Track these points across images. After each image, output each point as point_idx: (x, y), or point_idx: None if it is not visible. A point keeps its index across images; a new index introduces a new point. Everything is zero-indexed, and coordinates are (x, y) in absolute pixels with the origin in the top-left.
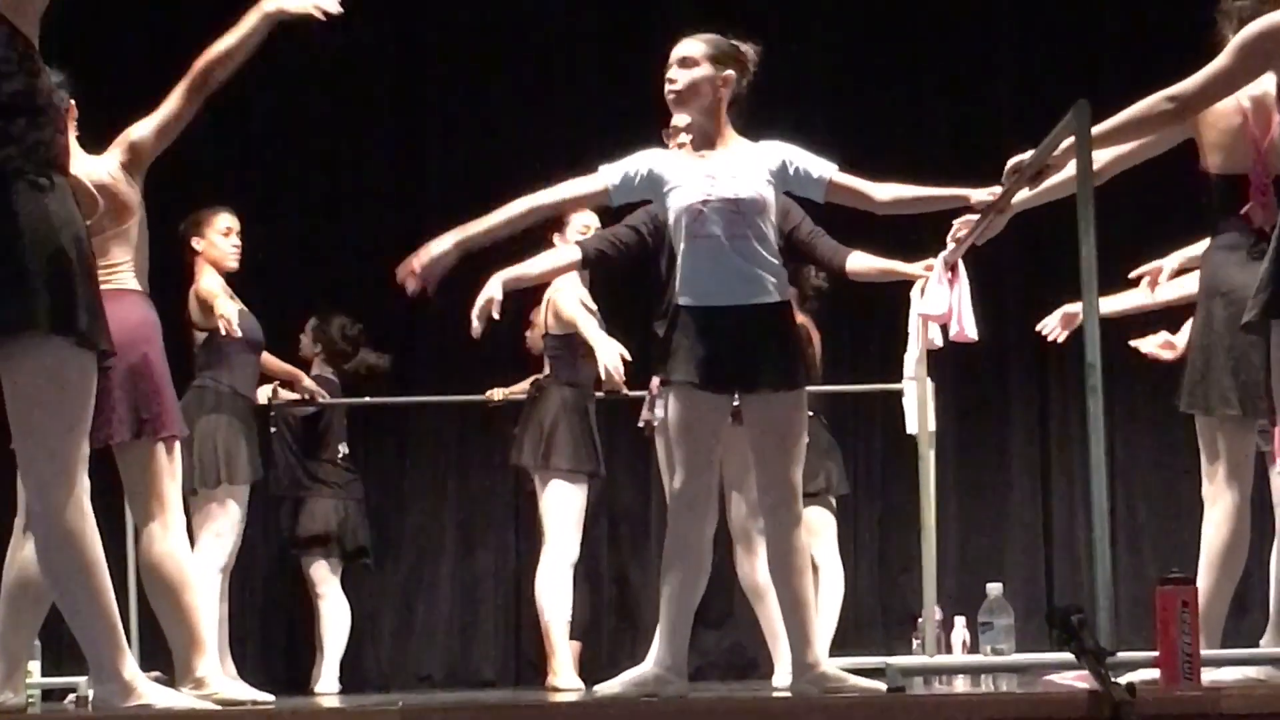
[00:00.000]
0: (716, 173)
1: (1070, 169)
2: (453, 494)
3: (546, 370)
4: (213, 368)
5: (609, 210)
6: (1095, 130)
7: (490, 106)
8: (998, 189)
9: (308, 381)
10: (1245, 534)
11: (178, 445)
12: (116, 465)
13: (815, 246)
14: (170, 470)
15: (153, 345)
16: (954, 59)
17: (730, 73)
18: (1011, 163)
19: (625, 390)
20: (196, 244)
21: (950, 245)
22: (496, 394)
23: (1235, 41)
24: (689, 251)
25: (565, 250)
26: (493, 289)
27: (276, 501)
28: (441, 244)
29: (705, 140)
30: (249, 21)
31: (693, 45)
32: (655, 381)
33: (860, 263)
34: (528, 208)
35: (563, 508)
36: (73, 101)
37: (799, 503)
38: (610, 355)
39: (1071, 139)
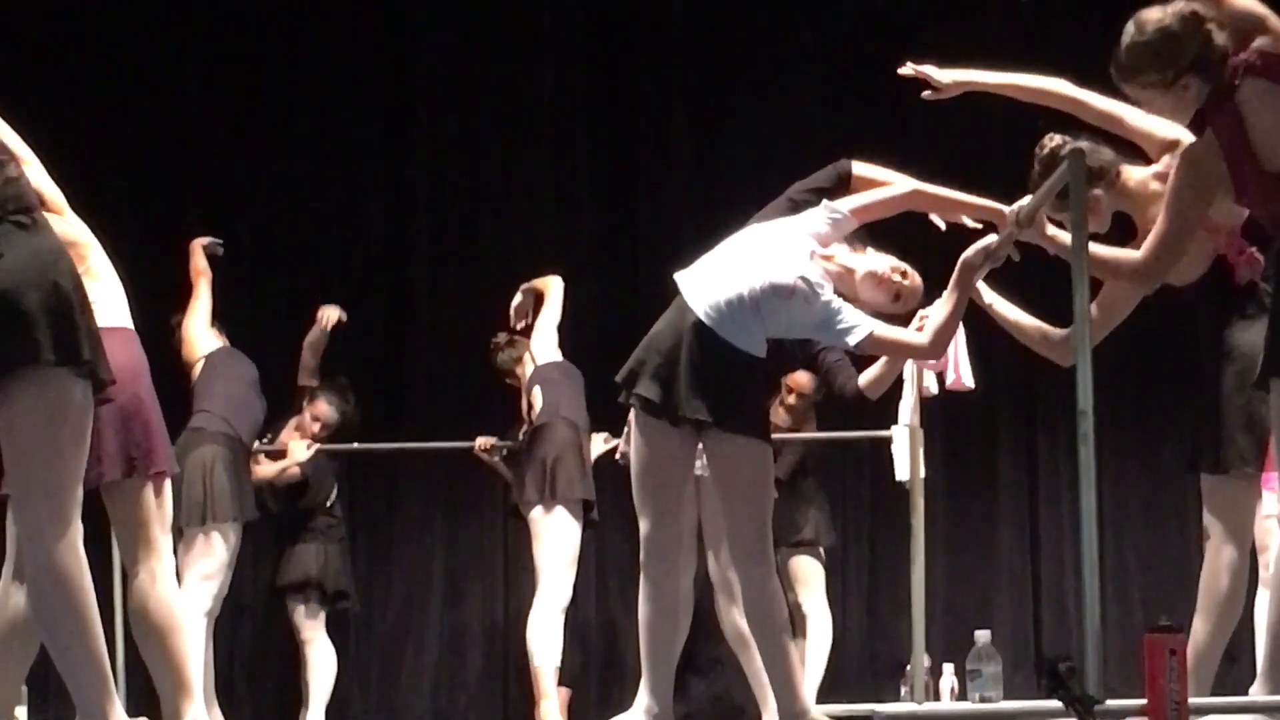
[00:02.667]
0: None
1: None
2: (440, 541)
3: (538, 407)
4: (205, 400)
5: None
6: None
7: (481, 144)
8: (991, 240)
9: (298, 454)
10: (1243, 587)
11: (168, 485)
12: (104, 507)
13: (835, 375)
14: (160, 511)
15: (141, 383)
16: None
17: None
18: (1009, 212)
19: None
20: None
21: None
22: (485, 442)
23: (1174, 201)
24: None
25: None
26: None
27: (267, 545)
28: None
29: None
30: None
31: None
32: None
33: (868, 377)
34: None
35: (561, 543)
36: None
37: (768, 554)
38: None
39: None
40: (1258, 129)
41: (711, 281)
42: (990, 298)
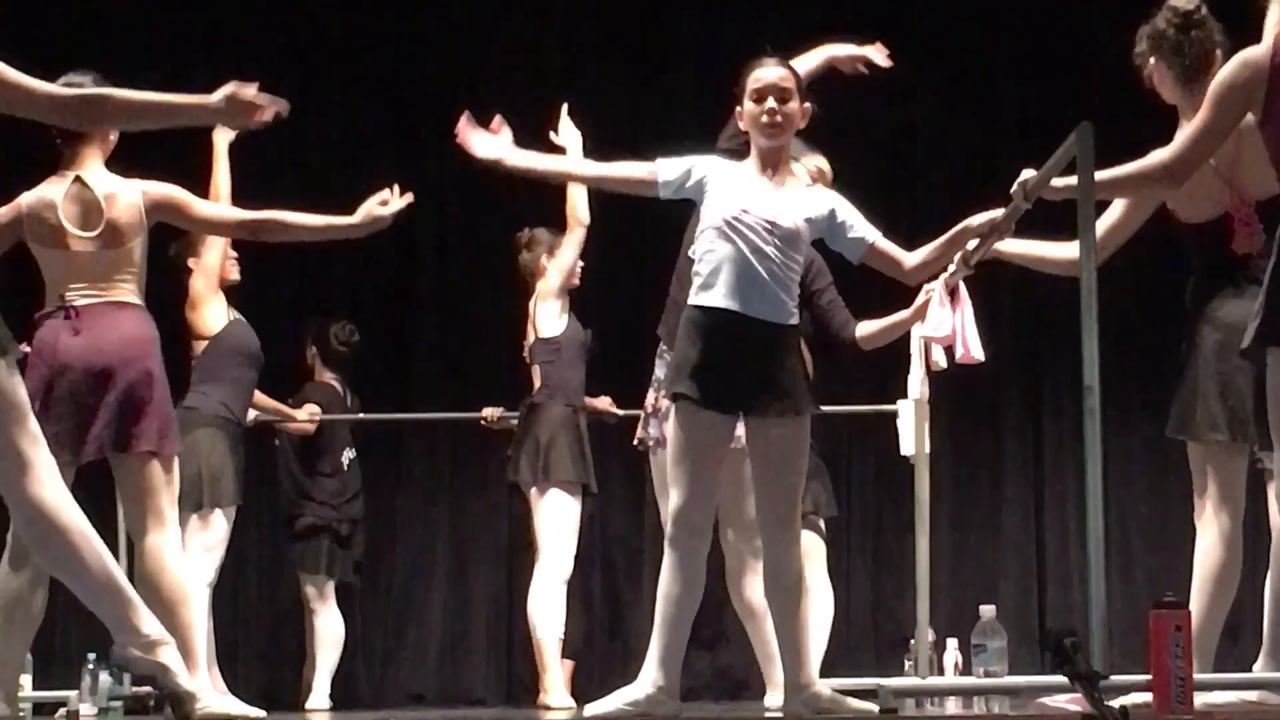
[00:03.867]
0: (764, 194)
1: (1065, 253)
2: (446, 512)
3: (538, 383)
4: (206, 383)
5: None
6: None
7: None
8: (997, 213)
9: (298, 415)
10: (1237, 560)
11: (176, 461)
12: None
13: (831, 317)
14: (169, 485)
15: (153, 359)
16: (955, 79)
17: (809, 105)
18: (1017, 184)
19: (615, 411)
20: (194, 263)
21: (950, 268)
22: (493, 414)
23: (1213, 95)
24: (711, 255)
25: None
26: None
27: (274, 515)
28: (499, 149)
29: (766, 163)
30: (330, 221)
31: (787, 76)
32: (650, 398)
33: (866, 328)
34: (575, 169)
35: (559, 521)
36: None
37: (798, 524)
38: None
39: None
40: None
41: (732, 288)
42: (1007, 245)
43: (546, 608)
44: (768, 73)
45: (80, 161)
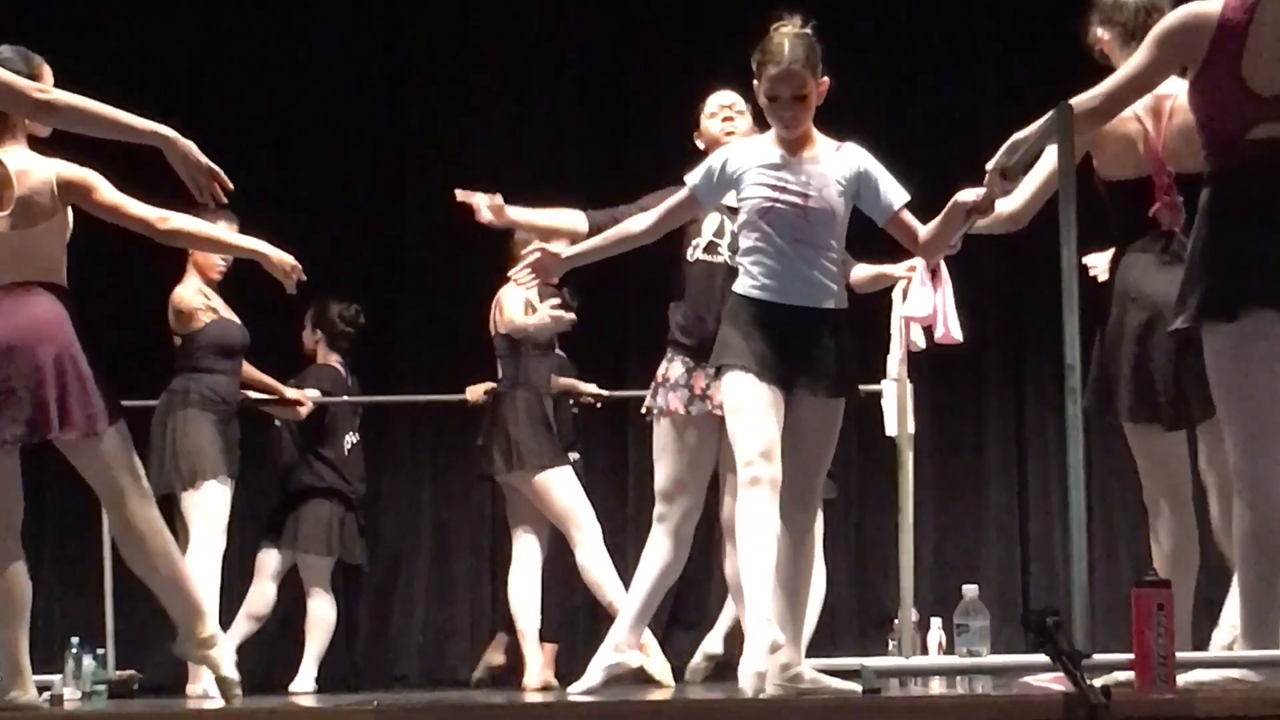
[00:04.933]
0: (792, 175)
1: (1003, 207)
2: (429, 495)
3: (500, 373)
4: (189, 371)
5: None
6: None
7: (470, 115)
8: (980, 190)
9: (289, 393)
10: (1185, 536)
11: (122, 424)
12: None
13: None
14: (128, 447)
15: (67, 341)
16: (933, 58)
17: (825, 80)
18: (992, 163)
19: (595, 392)
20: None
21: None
22: (476, 391)
23: (1153, 37)
24: (751, 248)
25: (573, 215)
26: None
27: (270, 498)
28: (553, 247)
29: (789, 141)
30: (242, 241)
31: (801, 75)
32: (663, 369)
33: (857, 273)
34: (621, 235)
35: (559, 493)
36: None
37: (814, 506)
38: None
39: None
40: (1256, 44)
41: (774, 279)
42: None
43: (525, 599)
44: (780, 69)
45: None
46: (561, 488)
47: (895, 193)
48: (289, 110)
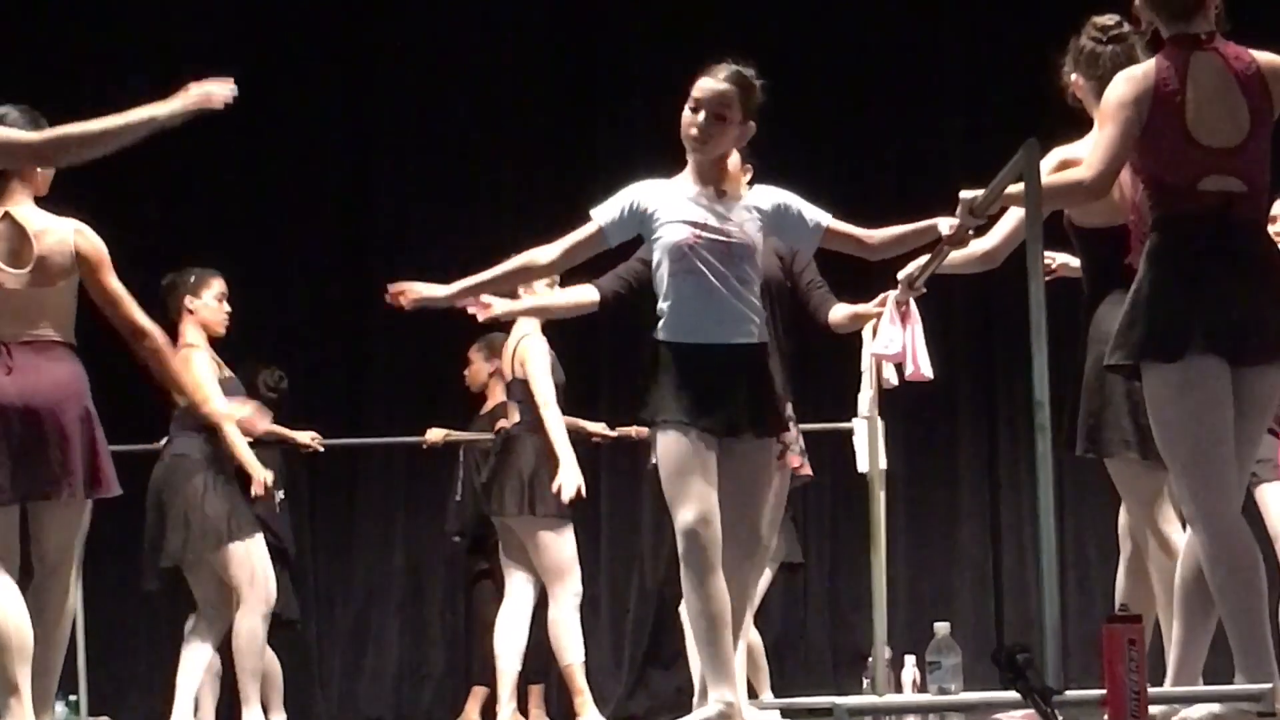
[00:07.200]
0: (709, 210)
1: (977, 246)
2: (401, 535)
3: (516, 417)
4: (193, 429)
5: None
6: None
7: (438, 151)
8: (955, 220)
9: (303, 439)
10: (1158, 584)
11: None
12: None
13: (810, 297)
14: (81, 530)
15: (88, 399)
16: (903, 95)
17: (752, 124)
18: (964, 197)
19: (603, 432)
20: (190, 303)
21: (900, 285)
22: (436, 434)
23: (1115, 106)
24: (674, 288)
25: (584, 290)
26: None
27: None
28: (438, 290)
29: (704, 176)
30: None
31: (728, 95)
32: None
33: (837, 313)
34: (523, 264)
35: (558, 549)
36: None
37: (759, 551)
38: (570, 477)
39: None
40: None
41: (697, 317)
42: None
43: (569, 632)
44: (710, 84)
45: (9, 198)
46: (563, 543)
47: (818, 212)
48: (259, 145)
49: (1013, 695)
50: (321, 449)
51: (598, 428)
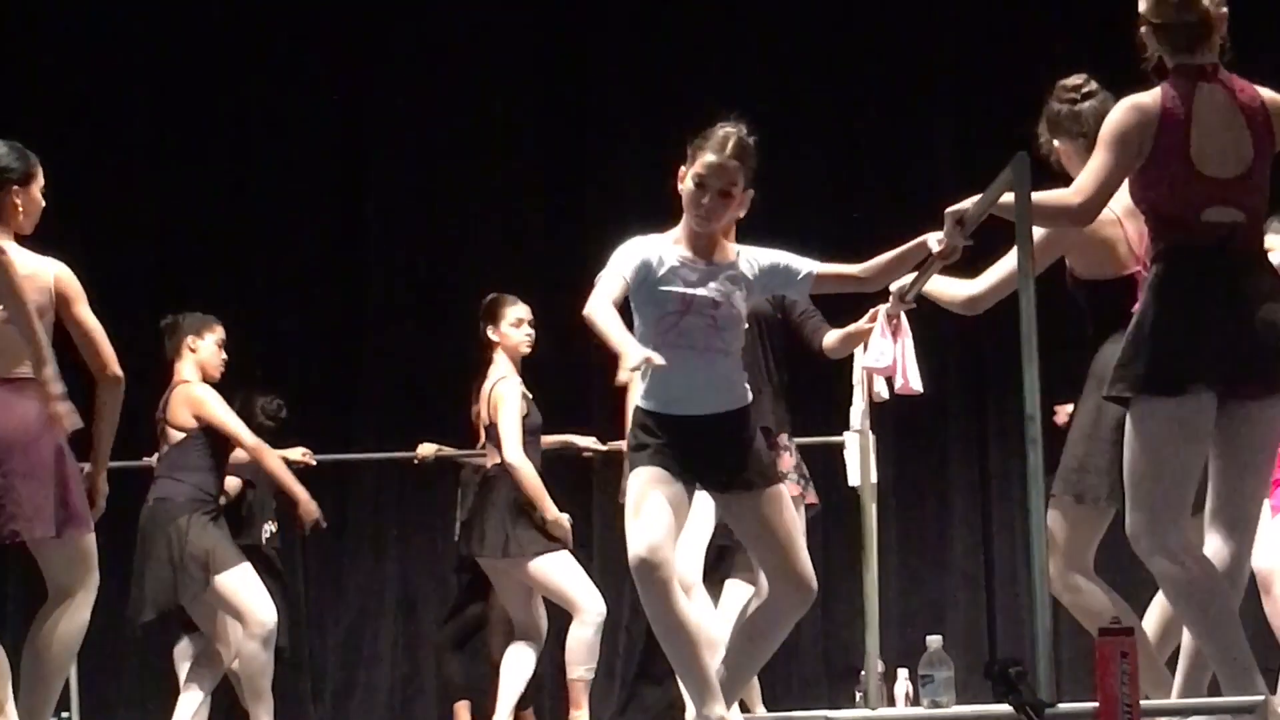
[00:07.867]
0: (699, 282)
1: (964, 290)
2: (393, 552)
3: (494, 459)
4: (181, 470)
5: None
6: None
7: (433, 172)
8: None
9: (294, 455)
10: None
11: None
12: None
13: (803, 326)
14: (89, 555)
15: (63, 436)
16: (891, 113)
17: (751, 191)
18: (951, 211)
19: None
20: (192, 343)
21: (891, 298)
22: (427, 449)
23: (1111, 136)
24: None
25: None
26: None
27: None
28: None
29: (697, 244)
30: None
31: (734, 173)
32: None
33: (830, 338)
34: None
35: (558, 577)
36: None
37: (812, 576)
38: (554, 518)
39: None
40: (1199, 131)
41: (681, 390)
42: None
43: (588, 648)
44: (715, 161)
45: None
46: (559, 571)
47: (806, 261)
48: (248, 163)
49: (1005, 709)
50: (313, 463)
51: (588, 442)
